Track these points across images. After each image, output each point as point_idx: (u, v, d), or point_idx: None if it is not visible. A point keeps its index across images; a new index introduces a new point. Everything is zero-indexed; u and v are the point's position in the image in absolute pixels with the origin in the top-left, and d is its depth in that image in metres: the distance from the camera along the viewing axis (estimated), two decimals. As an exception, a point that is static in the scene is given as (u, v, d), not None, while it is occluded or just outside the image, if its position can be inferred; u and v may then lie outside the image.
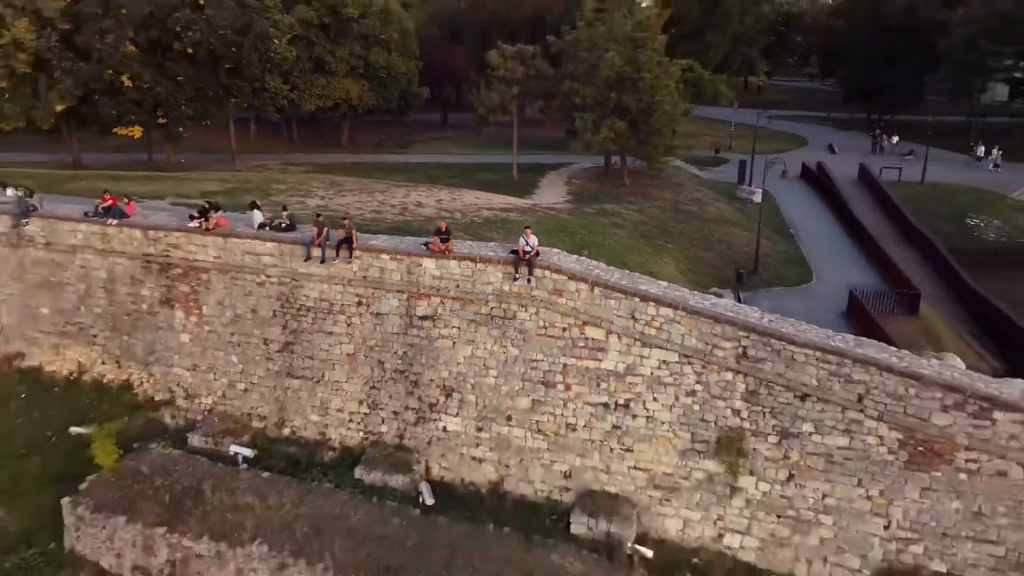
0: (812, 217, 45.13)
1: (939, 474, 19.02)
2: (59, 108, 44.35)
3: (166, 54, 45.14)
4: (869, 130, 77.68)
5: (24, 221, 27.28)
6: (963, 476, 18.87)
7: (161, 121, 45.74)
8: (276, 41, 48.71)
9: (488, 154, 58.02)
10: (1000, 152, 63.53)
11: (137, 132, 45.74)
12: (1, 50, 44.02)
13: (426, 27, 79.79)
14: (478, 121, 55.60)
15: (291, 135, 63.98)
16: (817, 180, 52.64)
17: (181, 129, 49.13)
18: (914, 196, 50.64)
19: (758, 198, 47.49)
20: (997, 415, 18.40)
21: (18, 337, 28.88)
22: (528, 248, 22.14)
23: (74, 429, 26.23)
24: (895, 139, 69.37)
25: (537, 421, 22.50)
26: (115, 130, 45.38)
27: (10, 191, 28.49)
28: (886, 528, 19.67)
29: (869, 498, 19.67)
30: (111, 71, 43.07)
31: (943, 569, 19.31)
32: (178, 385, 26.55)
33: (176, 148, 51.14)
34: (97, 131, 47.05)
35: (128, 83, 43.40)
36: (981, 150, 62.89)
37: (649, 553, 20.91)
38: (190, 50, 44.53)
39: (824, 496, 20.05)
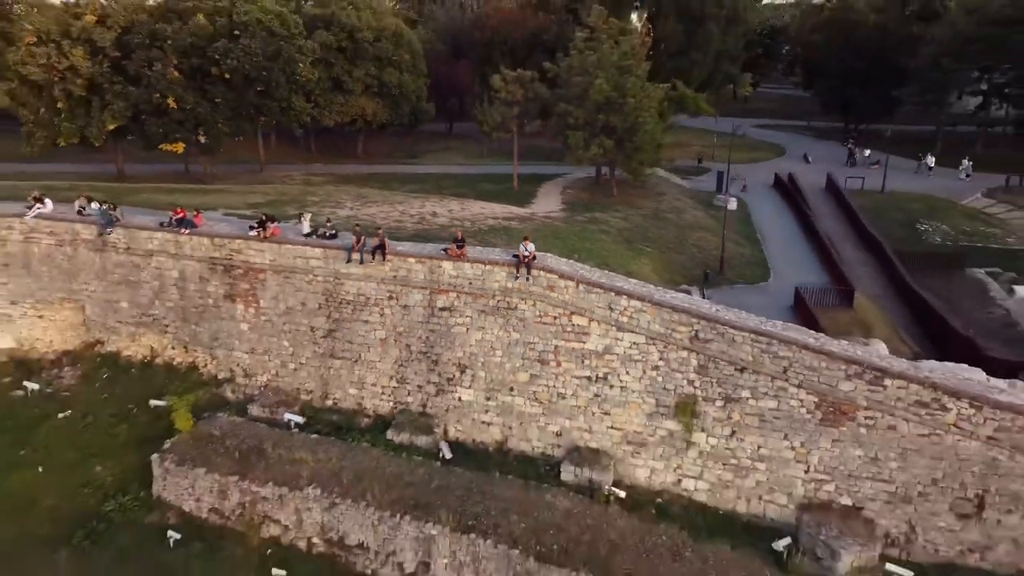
0: (778, 224, 50.44)
1: (845, 429, 24.38)
2: (111, 127, 49.74)
3: (206, 79, 50.42)
4: (844, 139, 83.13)
5: (109, 230, 32.59)
6: (863, 430, 24.24)
7: (201, 138, 51.04)
8: (301, 65, 54.00)
9: (491, 164, 63.27)
10: (971, 163, 68.40)
11: (180, 148, 51.03)
12: (60, 75, 49.39)
13: (432, 42, 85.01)
14: (481, 132, 60.95)
15: (309, 146, 69.27)
16: (787, 189, 58.02)
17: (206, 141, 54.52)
18: (873, 204, 55.95)
19: (732, 206, 52.79)
20: (887, 382, 23.76)
21: (100, 327, 34.21)
22: (527, 253, 27.48)
23: (153, 402, 31.56)
24: (867, 152, 74.13)
25: (534, 391, 27.86)
26: (160, 146, 50.69)
27: (95, 205, 33.80)
28: (806, 472, 25.03)
29: (793, 448, 25.04)
30: (158, 94, 48.40)
31: (849, 503, 24.69)
32: (238, 366, 31.90)
33: (209, 160, 56.46)
34: (143, 146, 52.43)
35: (173, 105, 48.72)
36: (931, 160, 68.04)
37: (622, 494, 26.24)
38: (227, 75, 49.88)
39: (759, 447, 25.42)
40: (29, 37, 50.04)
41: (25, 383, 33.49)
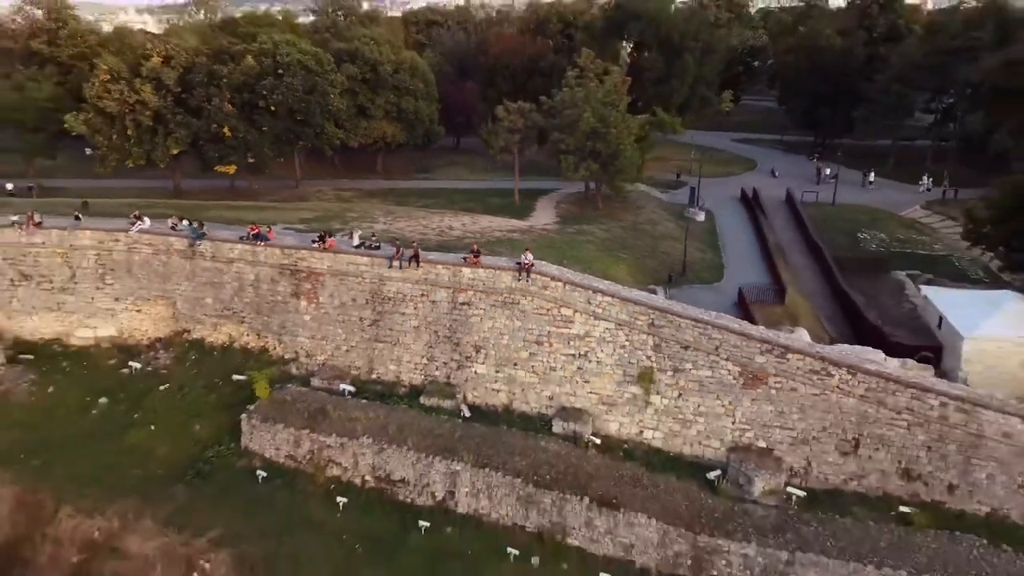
0: (738, 233, 58.84)
1: (760, 391, 32.85)
2: (174, 152, 58.22)
3: (254, 110, 58.88)
4: (810, 154, 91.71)
5: (198, 243, 41.04)
6: (773, 391, 32.70)
7: (250, 160, 59.49)
8: (332, 96, 62.47)
9: (495, 179, 71.64)
10: (931, 179, 76.51)
11: (232, 169, 59.50)
12: (130, 107, 57.86)
13: (439, 64, 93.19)
14: (487, 152, 69.30)
15: (334, 163, 77.60)
16: (750, 203, 66.49)
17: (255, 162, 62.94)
18: (824, 215, 64.50)
19: (701, 218, 61.47)
20: (789, 356, 32.24)
21: (188, 319, 42.61)
22: (526, 261, 35.91)
23: (235, 376, 40.03)
24: (828, 170, 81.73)
25: (532, 366, 36.30)
26: (216, 167, 59.16)
27: (185, 222, 42.26)
28: (732, 423, 33.49)
29: (723, 406, 33.50)
30: (215, 124, 56.88)
31: (764, 445, 33.15)
32: (301, 348, 40.29)
33: (255, 178, 64.89)
34: (200, 167, 60.91)
35: (228, 133, 57.18)
36: (872, 175, 76.53)
37: (598, 441, 34.68)
38: (272, 107, 58.37)
39: (698, 405, 33.88)
40: (103, 75, 58.55)
41: (130, 363, 41.96)
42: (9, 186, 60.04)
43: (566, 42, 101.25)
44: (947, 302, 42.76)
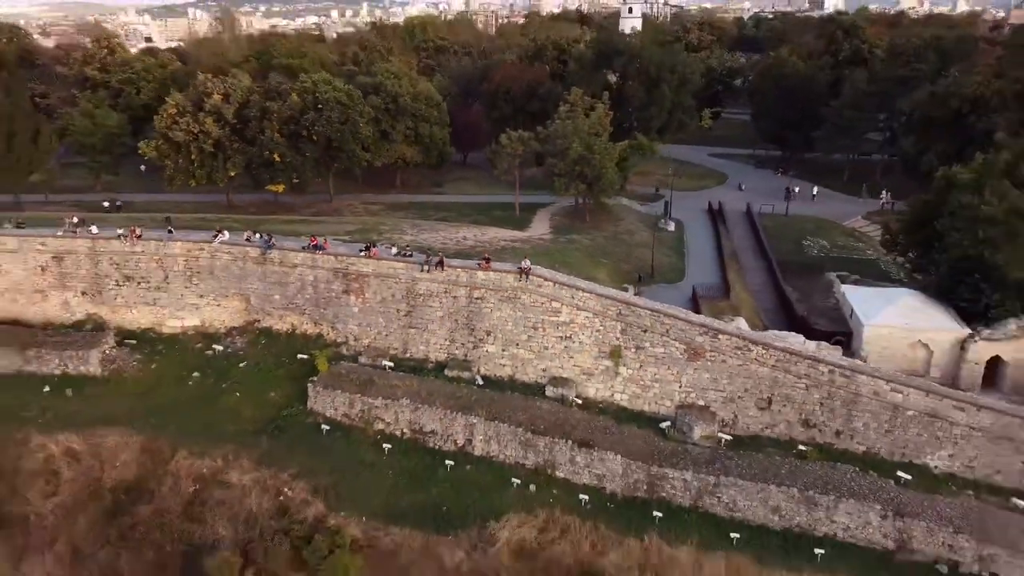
0: (701, 241, 69.43)
1: (699, 363, 43.57)
2: (232, 174, 68.93)
3: (299, 139, 69.56)
4: (776, 169, 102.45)
5: (269, 251, 51.71)
6: (709, 363, 43.42)
7: (295, 180, 70.24)
8: (362, 125, 73.12)
9: (499, 193, 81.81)
10: (888, 193, 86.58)
11: (281, 188, 70.28)
12: (194, 137, 68.58)
13: (448, 88, 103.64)
14: (490, 166, 79.84)
15: (358, 179, 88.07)
16: (715, 214, 77.22)
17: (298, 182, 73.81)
18: (777, 225, 75.19)
19: (671, 228, 72.21)
20: (720, 336, 43.02)
21: (258, 311, 53.29)
22: (525, 266, 46.62)
23: (300, 355, 50.77)
24: (797, 188, 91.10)
25: (530, 346, 46.99)
26: (266, 187, 69.92)
27: (257, 235, 52.98)
28: (679, 387, 44.17)
29: (672, 375, 44.19)
30: (267, 152, 67.66)
31: (702, 403, 43.86)
32: (350, 334, 50.99)
33: (296, 194, 75.63)
34: (252, 186, 71.64)
35: (277, 159, 67.90)
36: (815, 189, 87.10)
37: (579, 401, 45.38)
38: (314, 137, 69.11)
39: (654, 374, 44.59)
40: (171, 109, 69.29)
41: (213, 346, 52.70)
42: (106, 204, 71.05)
43: (561, 67, 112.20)
44: (857, 297, 53.46)
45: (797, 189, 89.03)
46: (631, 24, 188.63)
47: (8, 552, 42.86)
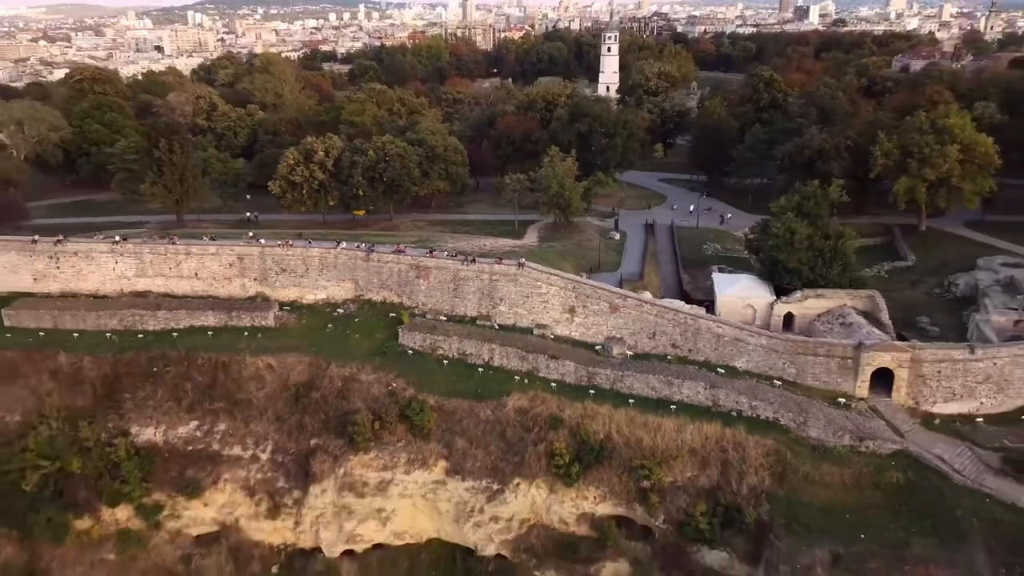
0: (636, 245, 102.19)
1: (617, 314, 76.68)
2: (331, 204, 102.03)
3: (375, 180, 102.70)
4: (701, 192, 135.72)
5: (371, 253, 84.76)
6: (622, 314, 76.63)
7: (371, 208, 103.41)
8: (413, 169, 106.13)
9: (503, 213, 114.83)
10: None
11: (362, 212, 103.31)
12: (306, 179, 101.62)
13: (463, 131, 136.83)
14: (496, 191, 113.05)
15: (406, 202, 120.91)
16: (648, 227, 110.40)
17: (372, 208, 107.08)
18: (690, 235, 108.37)
19: (617, 237, 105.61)
20: (628, 300, 76.42)
21: (364, 289, 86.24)
22: (521, 262, 79.94)
23: (391, 314, 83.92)
24: (729, 215, 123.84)
25: (525, 306, 79.96)
26: (354, 212, 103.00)
27: (363, 244, 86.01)
28: (606, 328, 77.28)
29: (603, 321, 77.31)
30: (355, 189, 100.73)
31: (618, 336, 77.10)
32: (420, 302, 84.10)
33: (368, 215, 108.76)
34: (342, 210, 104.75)
35: (361, 193, 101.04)
36: (728, 215, 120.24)
37: (552, 336, 78.46)
38: (384, 178, 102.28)
39: (593, 321, 77.64)
40: (290, 159, 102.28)
41: (337, 310, 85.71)
42: (247, 215, 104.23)
43: (548, 114, 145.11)
44: (718, 280, 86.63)
45: (729, 215, 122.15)
46: (610, 65, 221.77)
47: (243, 418, 75.99)
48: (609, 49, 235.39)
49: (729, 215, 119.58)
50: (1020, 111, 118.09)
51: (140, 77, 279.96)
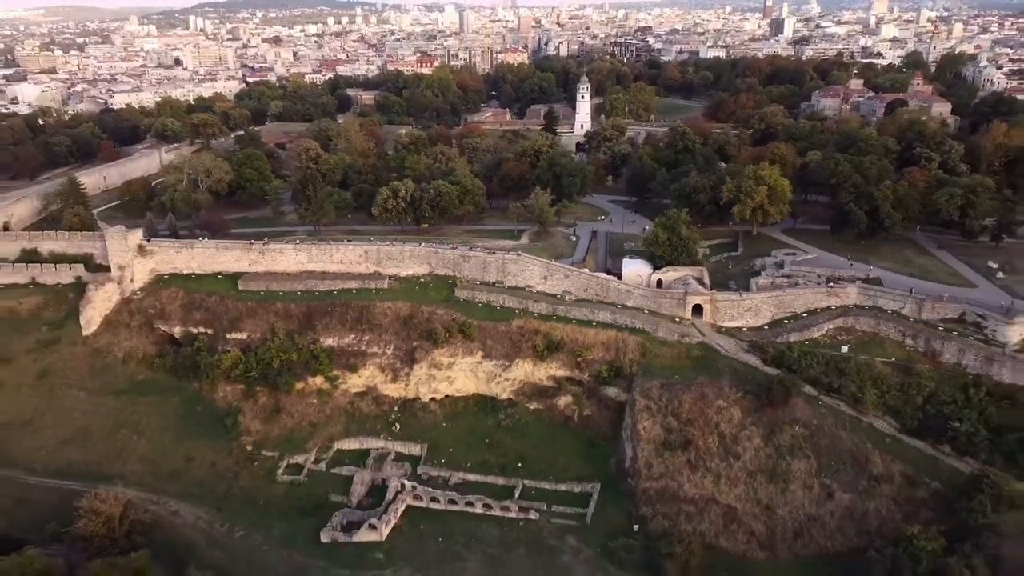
0: (584, 243, 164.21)
1: (569, 279, 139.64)
2: (408, 219, 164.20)
3: (433, 206, 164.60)
4: (634, 210, 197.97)
5: (439, 248, 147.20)
6: (571, 279, 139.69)
7: (431, 223, 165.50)
8: (454, 199, 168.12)
9: (507, 224, 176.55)
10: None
11: (427, 224, 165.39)
12: (395, 205, 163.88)
13: (478, 172, 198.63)
14: (504, 212, 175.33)
15: (446, 218, 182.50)
16: (594, 233, 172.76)
17: (432, 222, 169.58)
18: (617, 237, 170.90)
19: (575, 239, 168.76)
20: (572, 271, 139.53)
21: (432, 268, 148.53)
22: (519, 253, 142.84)
23: (448, 282, 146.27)
24: (633, 220, 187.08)
25: (519, 276, 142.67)
26: (420, 223, 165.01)
27: (423, 244, 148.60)
28: (563, 287, 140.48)
29: (562, 283, 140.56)
30: (423, 211, 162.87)
31: (570, 291, 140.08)
32: (465, 275, 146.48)
33: (428, 225, 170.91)
34: (414, 224, 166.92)
35: (427, 214, 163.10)
36: (647, 227, 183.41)
37: (536, 290, 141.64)
38: (440, 205, 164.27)
39: (556, 283, 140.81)
40: (386, 194, 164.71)
41: (420, 279, 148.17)
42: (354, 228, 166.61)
43: (536, 158, 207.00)
44: (625, 262, 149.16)
45: (634, 220, 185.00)
46: (584, 110, 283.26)
47: (377, 333, 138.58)
48: (583, 96, 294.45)
49: (647, 227, 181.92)
50: (851, 150, 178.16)
51: (192, 101, 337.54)
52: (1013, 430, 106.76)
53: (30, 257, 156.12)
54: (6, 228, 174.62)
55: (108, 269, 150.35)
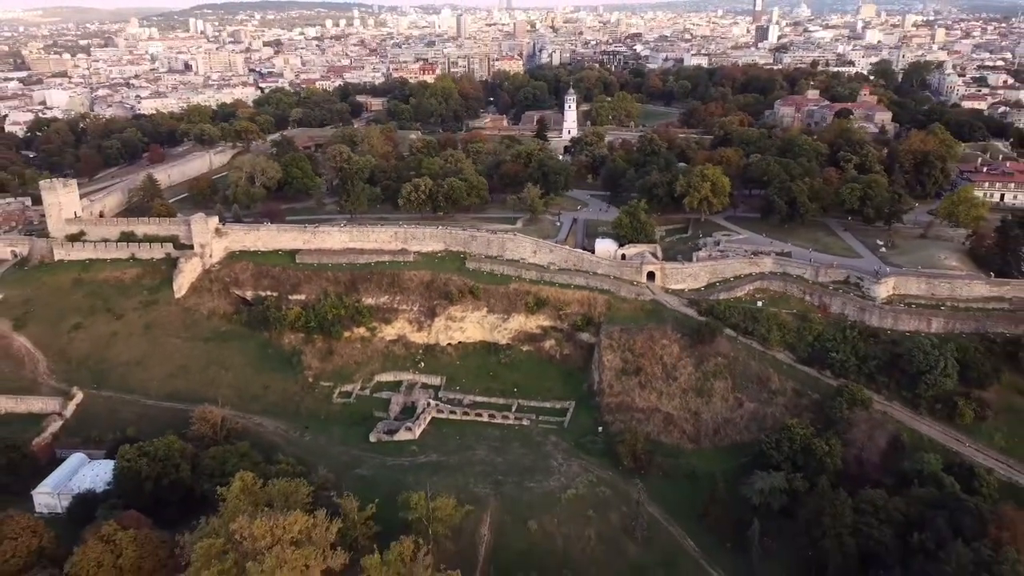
0: (566, 227, 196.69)
1: (554, 254, 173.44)
2: (427, 209, 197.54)
3: (447, 198, 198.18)
4: (610, 202, 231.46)
5: (451, 229, 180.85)
6: (555, 253, 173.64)
7: (445, 211, 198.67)
8: (464, 193, 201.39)
9: (507, 212, 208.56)
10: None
11: (441, 213, 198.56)
12: (418, 196, 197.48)
13: (483, 171, 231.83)
14: (503, 204, 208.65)
15: (457, 207, 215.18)
16: (575, 220, 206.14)
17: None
18: (593, 223, 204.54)
19: (559, 223, 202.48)
20: (556, 247, 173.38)
21: (448, 246, 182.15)
22: (516, 234, 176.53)
23: (460, 257, 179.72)
24: (607, 210, 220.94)
25: (515, 250, 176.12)
26: (438, 212, 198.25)
27: (440, 227, 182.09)
28: (548, 260, 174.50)
29: (548, 256, 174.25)
30: (440, 202, 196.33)
31: (554, 261, 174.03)
32: (474, 251, 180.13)
33: (442, 213, 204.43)
34: (432, 212, 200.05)
35: (443, 204, 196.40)
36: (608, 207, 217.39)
37: (530, 262, 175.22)
38: (453, 197, 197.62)
39: (543, 256, 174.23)
40: (408, 188, 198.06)
41: (437, 255, 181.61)
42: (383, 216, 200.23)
43: (528, 160, 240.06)
44: (598, 241, 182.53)
45: (607, 210, 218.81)
46: (570, 118, 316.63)
47: (405, 294, 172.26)
48: (570, 106, 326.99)
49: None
50: (788, 153, 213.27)
51: (215, 107, 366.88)
52: (873, 358, 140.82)
53: (128, 238, 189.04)
54: (101, 215, 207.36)
55: (191, 247, 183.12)
